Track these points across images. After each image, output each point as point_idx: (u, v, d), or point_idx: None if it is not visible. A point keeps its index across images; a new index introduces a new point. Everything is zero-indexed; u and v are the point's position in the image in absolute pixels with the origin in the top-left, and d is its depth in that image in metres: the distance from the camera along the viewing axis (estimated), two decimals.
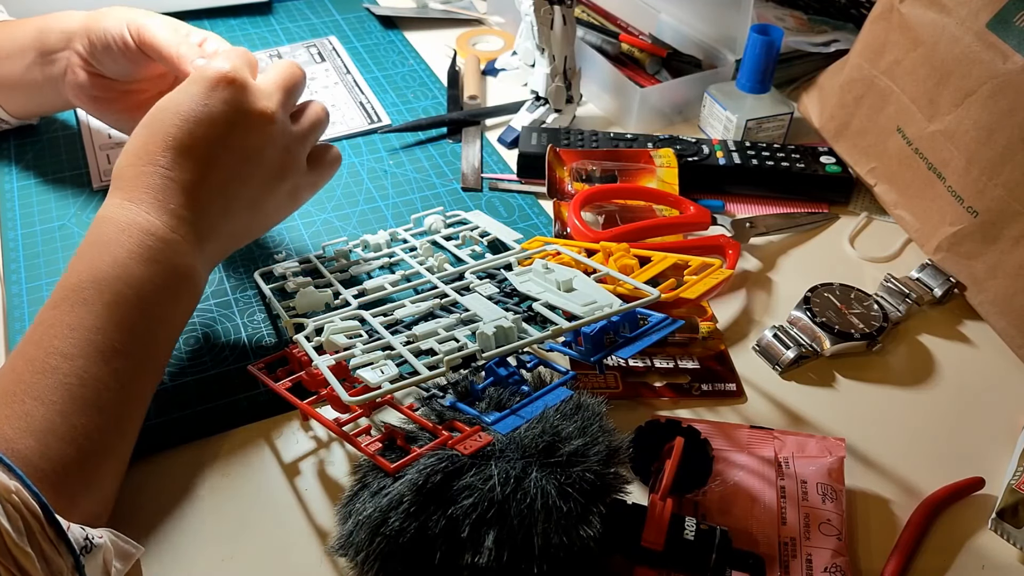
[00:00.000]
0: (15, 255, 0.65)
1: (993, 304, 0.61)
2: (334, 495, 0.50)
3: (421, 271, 0.61)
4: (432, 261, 0.63)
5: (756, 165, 0.73)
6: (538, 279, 0.56)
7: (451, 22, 1.00)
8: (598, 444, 0.43)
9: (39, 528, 0.36)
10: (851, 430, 0.54)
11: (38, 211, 0.70)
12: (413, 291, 0.60)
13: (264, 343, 0.59)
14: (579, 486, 0.41)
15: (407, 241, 0.66)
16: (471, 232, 0.66)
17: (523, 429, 0.43)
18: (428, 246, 0.64)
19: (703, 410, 0.56)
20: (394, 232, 0.67)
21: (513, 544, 0.39)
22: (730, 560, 0.42)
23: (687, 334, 0.59)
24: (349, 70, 0.90)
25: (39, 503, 0.36)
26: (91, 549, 0.37)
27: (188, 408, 0.54)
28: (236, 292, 0.63)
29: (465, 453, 0.42)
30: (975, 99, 0.60)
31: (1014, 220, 0.58)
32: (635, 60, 0.87)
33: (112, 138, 0.78)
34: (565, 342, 0.52)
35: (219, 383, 0.56)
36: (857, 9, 0.90)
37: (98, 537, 0.38)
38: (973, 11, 0.61)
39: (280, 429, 0.53)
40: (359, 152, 0.78)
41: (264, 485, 0.50)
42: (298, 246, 0.67)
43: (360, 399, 0.44)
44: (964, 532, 0.50)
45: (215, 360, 0.58)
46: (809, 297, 0.61)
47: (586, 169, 0.73)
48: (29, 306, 0.61)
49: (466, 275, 0.60)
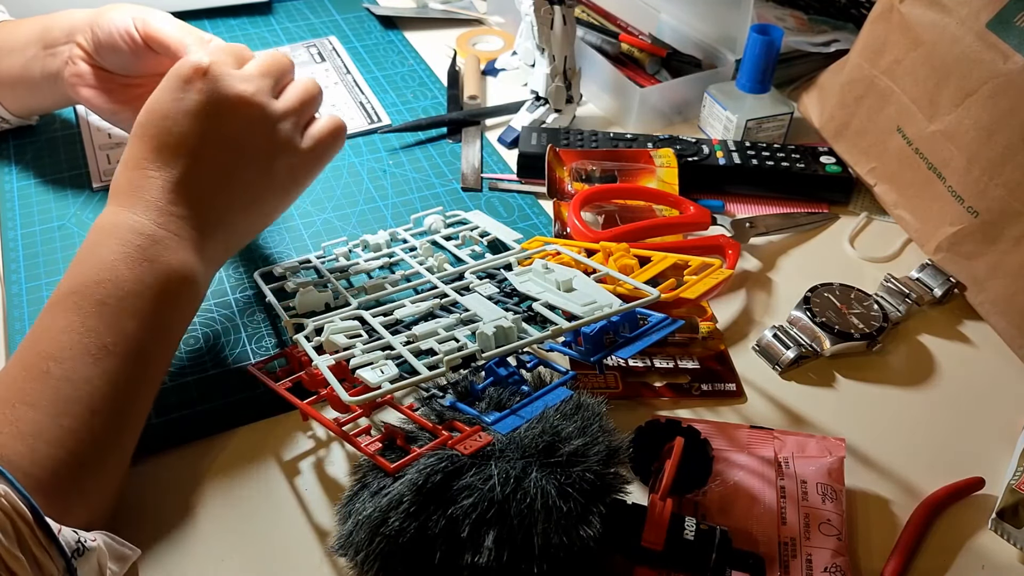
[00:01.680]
0: (15, 255, 0.65)
1: (993, 304, 0.61)
2: (334, 495, 0.50)
3: (421, 271, 0.61)
4: (432, 261, 0.63)
5: (756, 165, 0.73)
6: (538, 279, 0.56)
7: (451, 22, 1.00)
8: (598, 444, 0.43)
9: (29, 532, 0.35)
10: (851, 430, 0.54)
11: (38, 211, 0.70)
12: (413, 291, 0.60)
13: (264, 343, 0.59)
14: (579, 486, 0.41)
15: (407, 241, 0.66)
16: (471, 232, 0.66)
17: (523, 429, 0.43)
18: (428, 246, 0.64)
19: (703, 410, 0.56)
20: (394, 232, 0.67)
21: (513, 544, 0.39)
22: (730, 560, 0.42)
23: (687, 334, 0.59)
24: (349, 70, 0.90)
25: (28, 506, 0.36)
26: (83, 552, 0.37)
27: (188, 408, 0.54)
28: (236, 292, 0.63)
29: (465, 453, 0.42)
30: (975, 99, 0.60)
31: (1014, 220, 0.58)
32: (635, 60, 0.87)
33: (112, 138, 0.78)
34: (565, 342, 0.52)
35: (219, 383, 0.56)
36: (857, 9, 0.90)
37: (91, 540, 0.38)
38: (973, 11, 0.61)
39: (280, 429, 0.53)
40: (359, 152, 0.78)
41: (264, 485, 0.50)
42: (298, 246, 0.67)
43: (360, 399, 0.44)
44: (964, 532, 0.50)
45: (215, 360, 0.58)
46: (809, 297, 0.61)
47: (586, 169, 0.73)
48: (29, 306, 0.61)
49: (466, 275, 0.60)
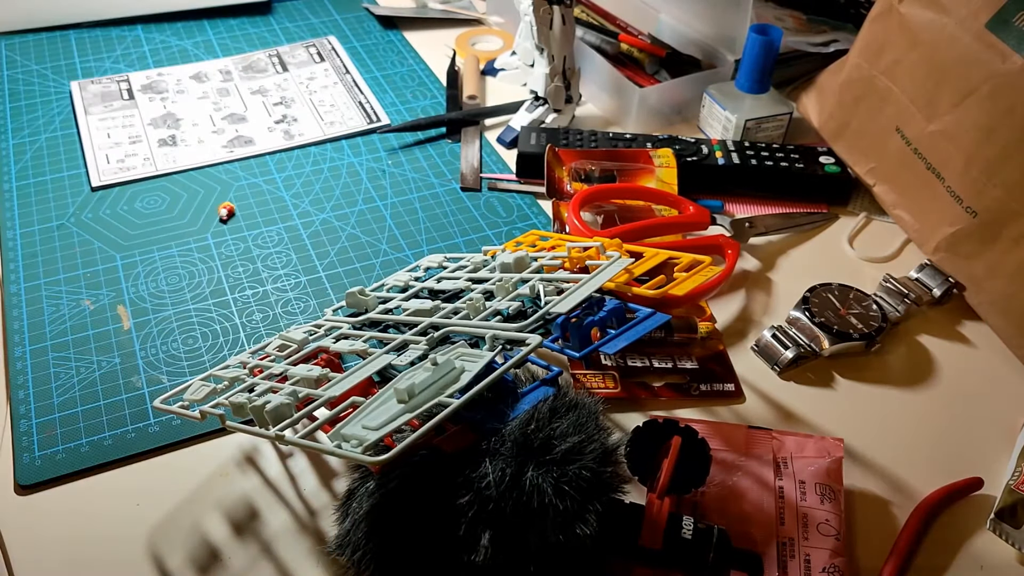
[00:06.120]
0: (13, 255, 0.65)
1: (992, 304, 0.61)
2: (333, 495, 0.50)
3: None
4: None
5: (755, 165, 0.73)
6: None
7: (450, 22, 1.00)
8: (594, 442, 0.43)
9: None
10: (850, 430, 0.54)
11: (37, 211, 0.70)
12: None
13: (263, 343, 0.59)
14: (576, 484, 0.41)
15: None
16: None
17: (518, 426, 0.43)
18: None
19: (701, 410, 0.56)
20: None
21: (510, 542, 0.39)
22: (728, 559, 0.42)
23: (686, 334, 0.59)
24: (348, 70, 0.90)
25: None
26: None
27: (188, 407, 0.54)
28: (235, 292, 0.63)
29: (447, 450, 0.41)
30: (974, 99, 0.60)
31: (1013, 220, 0.58)
32: (634, 60, 0.87)
33: (111, 138, 0.78)
34: (553, 338, 0.52)
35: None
36: (856, 9, 0.90)
37: None
38: (972, 11, 0.61)
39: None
40: (358, 152, 0.78)
41: (263, 485, 0.50)
42: (297, 245, 0.67)
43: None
44: (962, 532, 0.50)
45: (215, 360, 0.58)
46: (808, 297, 0.61)
47: (585, 169, 0.73)
48: (27, 306, 0.61)
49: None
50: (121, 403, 0.55)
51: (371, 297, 0.58)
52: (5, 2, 0.80)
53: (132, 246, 0.67)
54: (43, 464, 0.51)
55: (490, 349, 0.44)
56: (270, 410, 0.42)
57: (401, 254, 0.67)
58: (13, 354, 0.58)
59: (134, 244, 0.67)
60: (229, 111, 0.83)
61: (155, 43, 0.93)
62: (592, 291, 0.49)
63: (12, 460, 0.51)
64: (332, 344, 0.51)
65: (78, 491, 0.50)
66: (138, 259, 0.66)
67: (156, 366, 0.57)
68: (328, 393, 0.43)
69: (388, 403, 0.41)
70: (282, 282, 0.64)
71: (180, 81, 0.87)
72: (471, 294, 0.52)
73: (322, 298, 0.63)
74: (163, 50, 0.92)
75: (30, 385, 0.56)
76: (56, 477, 0.50)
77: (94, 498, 0.50)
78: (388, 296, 0.58)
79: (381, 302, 0.58)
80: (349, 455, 0.38)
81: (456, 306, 0.52)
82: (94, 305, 0.62)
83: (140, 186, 0.73)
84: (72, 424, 0.53)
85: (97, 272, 0.64)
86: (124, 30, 0.95)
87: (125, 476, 0.51)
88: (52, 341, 0.59)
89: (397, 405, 0.40)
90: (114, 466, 0.51)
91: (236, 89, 0.86)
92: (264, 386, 0.46)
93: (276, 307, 0.62)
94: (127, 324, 0.60)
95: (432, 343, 0.48)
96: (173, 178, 0.74)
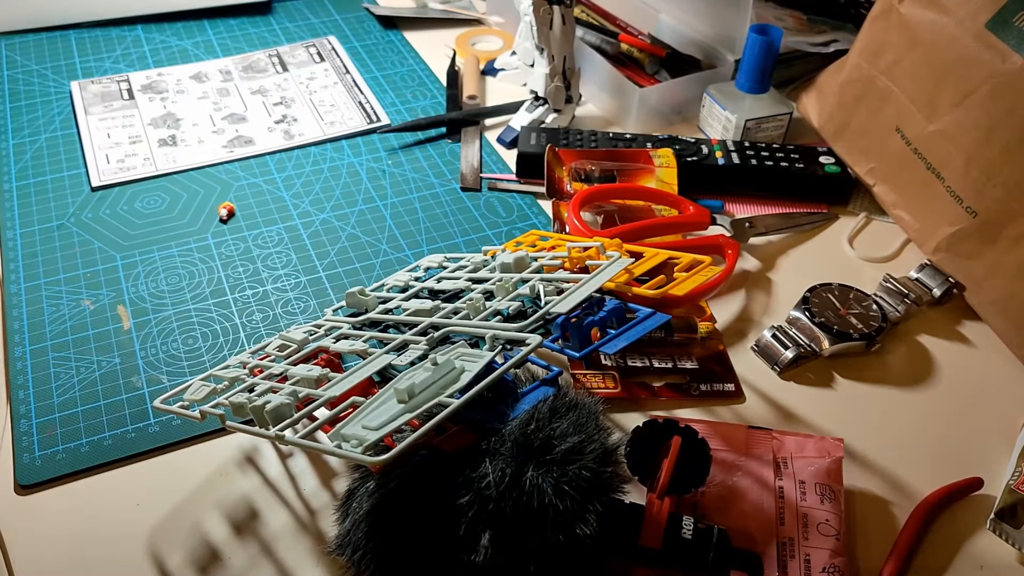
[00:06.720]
0: (13, 255, 0.65)
1: (992, 304, 0.61)
2: (333, 495, 0.50)
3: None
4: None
5: (755, 165, 0.73)
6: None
7: (450, 22, 1.00)
8: (594, 442, 0.43)
9: None
10: (850, 430, 0.54)
11: (37, 211, 0.70)
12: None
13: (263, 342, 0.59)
14: (575, 484, 0.41)
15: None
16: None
17: (518, 426, 0.43)
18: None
19: (701, 410, 0.56)
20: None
21: (510, 542, 0.39)
22: (728, 559, 0.42)
23: (686, 334, 0.59)
24: (348, 70, 0.90)
25: None
26: None
27: (188, 407, 0.54)
28: (235, 292, 0.63)
29: (447, 450, 0.41)
30: (974, 99, 0.60)
31: (1013, 220, 0.58)
32: (634, 60, 0.87)
33: (111, 137, 0.78)
34: (553, 338, 0.52)
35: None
36: (856, 9, 0.90)
37: None
38: (972, 11, 0.61)
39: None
40: (358, 152, 0.78)
41: (264, 484, 0.50)
42: (297, 245, 0.67)
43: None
44: (962, 532, 0.50)
45: (215, 360, 0.58)
46: (808, 297, 0.61)
47: (585, 169, 0.73)
48: (27, 305, 0.61)
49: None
50: (121, 403, 0.55)
51: (371, 297, 0.58)
52: (5, 2, 0.80)
53: (132, 246, 0.67)
54: (43, 464, 0.51)
55: (490, 349, 0.45)
56: (270, 410, 0.42)
57: (401, 254, 0.67)
58: (13, 354, 0.58)
59: (134, 244, 0.67)
60: (229, 111, 0.83)
61: (155, 43, 0.93)
62: (592, 291, 0.49)
63: (12, 460, 0.51)
64: (332, 344, 0.51)
65: (78, 491, 0.50)
66: (138, 259, 0.66)
67: (156, 366, 0.57)
68: (328, 393, 0.43)
69: (388, 403, 0.41)
70: (282, 282, 0.64)
71: (180, 81, 0.87)
72: (471, 294, 0.52)
73: (322, 298, 0.63)
74: (163, 50, 0.92)
75: (30, 385, 0.56)
76: (56, 477, 0.50)
77: (94, 498, 0.50)
78: (388, 296, 0.58)
79: (381, 302, 0.58)
80: (349, 455, 0.38)
81: (456, 306, 0.52)
82: (94, 305, 0.62)
83: (140, 186, 0.73)
84: (72, 424, 0.53)
85: (97, 272, 0.64)
86: (124, 30, 0.95)
87: (125, 476, 0.51)
88: (52, 341, 0.59)
89: (397, 405, 0.40)
90: (114, 466, 0.51)
91: (236, 89, 0.86)
92: (264, 386, 0.46)
93: (276, 307, 0.62)
94: (127, 324, 0.60)
95: (432, 343, 0.48)
96: (173, 178, 0.75)
